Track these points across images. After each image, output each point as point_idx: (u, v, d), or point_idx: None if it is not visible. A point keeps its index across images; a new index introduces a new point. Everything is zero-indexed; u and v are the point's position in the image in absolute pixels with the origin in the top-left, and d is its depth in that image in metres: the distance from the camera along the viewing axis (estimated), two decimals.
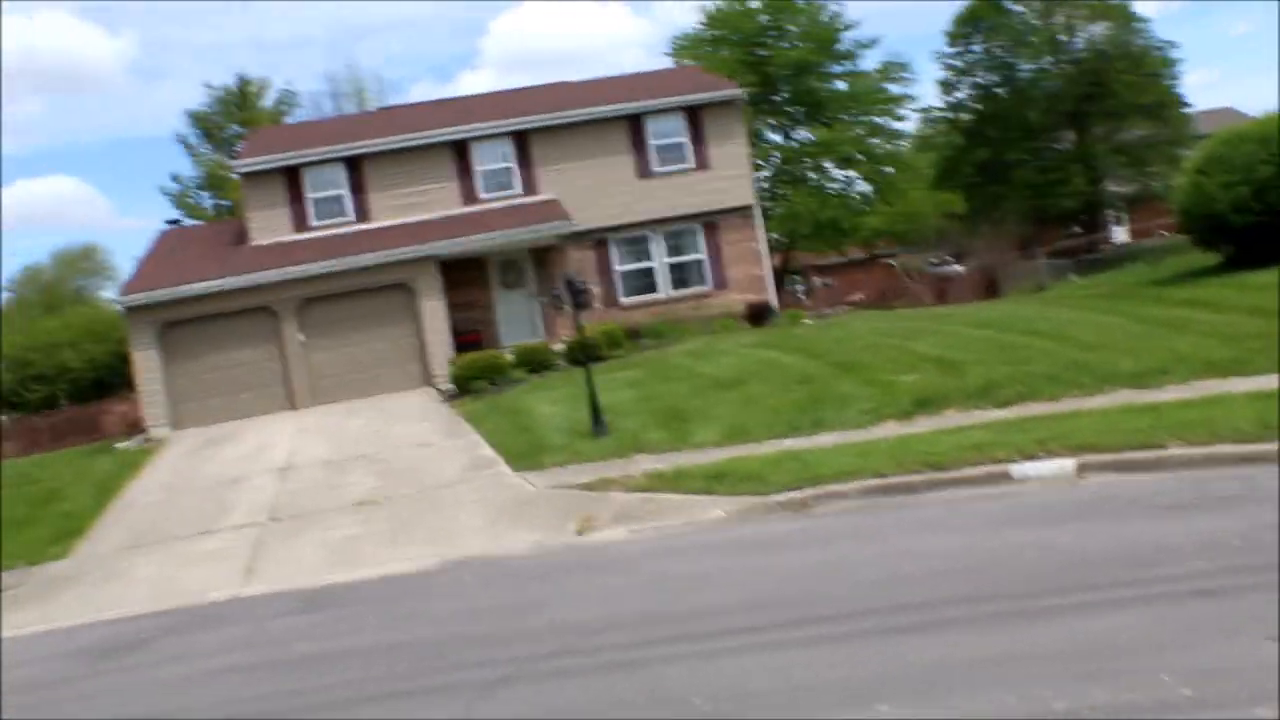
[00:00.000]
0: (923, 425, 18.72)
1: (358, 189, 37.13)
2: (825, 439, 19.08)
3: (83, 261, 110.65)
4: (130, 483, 26.26)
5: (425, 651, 11.13)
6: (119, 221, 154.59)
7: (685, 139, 38.27)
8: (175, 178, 66.20)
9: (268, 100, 66.74)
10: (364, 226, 36.57)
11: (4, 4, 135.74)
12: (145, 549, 20.06)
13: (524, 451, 21.84)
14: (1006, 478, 14.88)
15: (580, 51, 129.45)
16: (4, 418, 60.14)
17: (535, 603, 12.24)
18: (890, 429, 19.01)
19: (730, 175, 38.30)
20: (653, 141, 38.12)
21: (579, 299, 23.52)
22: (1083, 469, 14.58)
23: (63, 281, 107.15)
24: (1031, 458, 15.14)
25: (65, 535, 21.95)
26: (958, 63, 70.61)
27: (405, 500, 20.08)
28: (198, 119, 66.04)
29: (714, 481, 16.77)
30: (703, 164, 38.25)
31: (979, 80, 70.62)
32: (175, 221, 48.48)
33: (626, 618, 11.07)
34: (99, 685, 12.07)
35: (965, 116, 70.96)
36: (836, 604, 10.39)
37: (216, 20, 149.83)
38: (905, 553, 11.70)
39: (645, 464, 19.16)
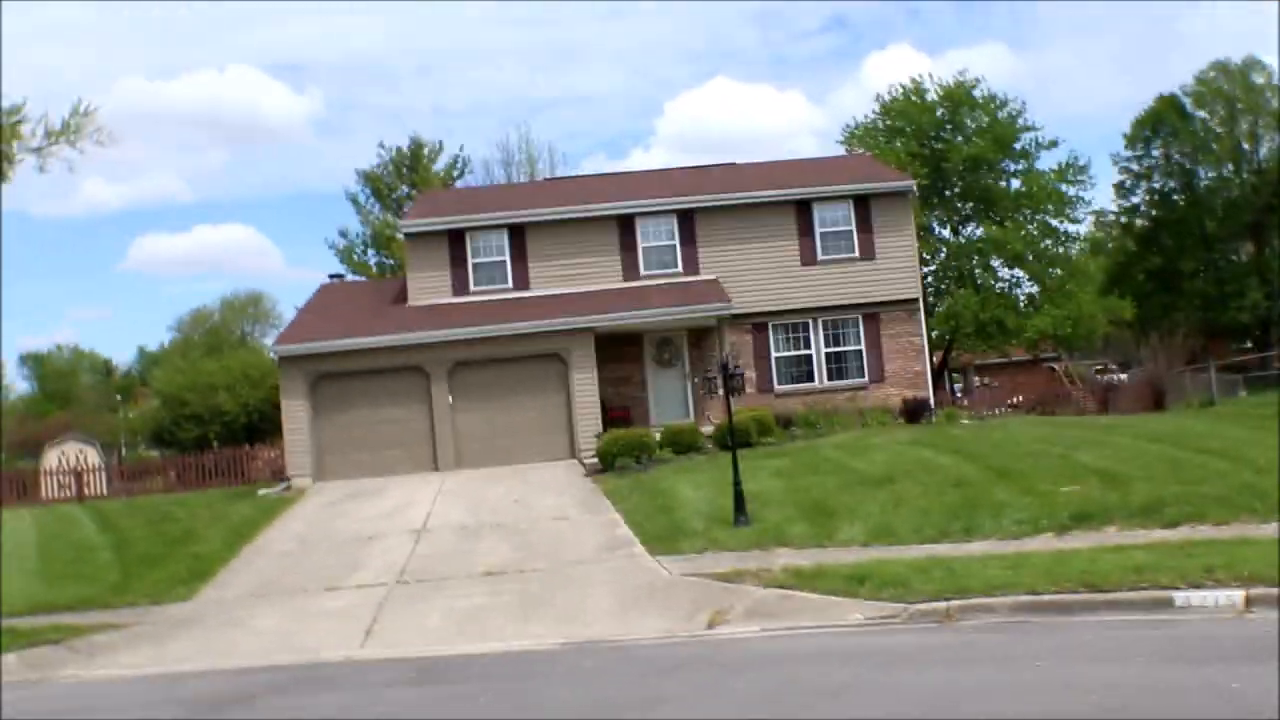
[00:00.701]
0: (1081, 541, 17.78)
1: (519, 257, 36.95)
2: (975, 547, 18.21)
3: (249, 308, 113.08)
4: (265, 530, 26.07)
5: None
6: (289, 272, 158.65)
7: (852, 227, 37.51)
8: (343, 233, 66.82)
9: (440, 164, 67.25)
10: (522, 294, 36.34)
11: (200, 59, 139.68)
12: (269, 599, 19.73)
13: (662, 534, 21.19)
14: (1169, 604, 13.88)
15: (753, 135, 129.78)
16: (156, 454, 61.11)
17: (654, 699, 11.48)
18: (1045, 542, 18.08)
19: (896, 267, 37.44)
20: (819, 228, 37.44)
21: (731, 383, 22.90)
22: (1251, 602, 13.55)
23: (228, 326, 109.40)
24: (1197, 586, 14.12)
25: (193, 577, 21.80)
26: (1135, 166, 69.21)
27: (536, 574, 19.51)
28: (369, 178, 66.72)
29: (855, 583, 15.92)
30: (868, 254, 37.43)
31: (1155, 185, 69.05)
32: (338, 276, 48.83)
33: None
34: None
35: (1140, 222, 69.29)
36: None
37: (400, 84, 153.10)
38: (1057, 684, 10.72)
39: (785, 558, 18.40)
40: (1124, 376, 60.08)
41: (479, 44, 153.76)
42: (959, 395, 56.06)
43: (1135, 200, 70.67)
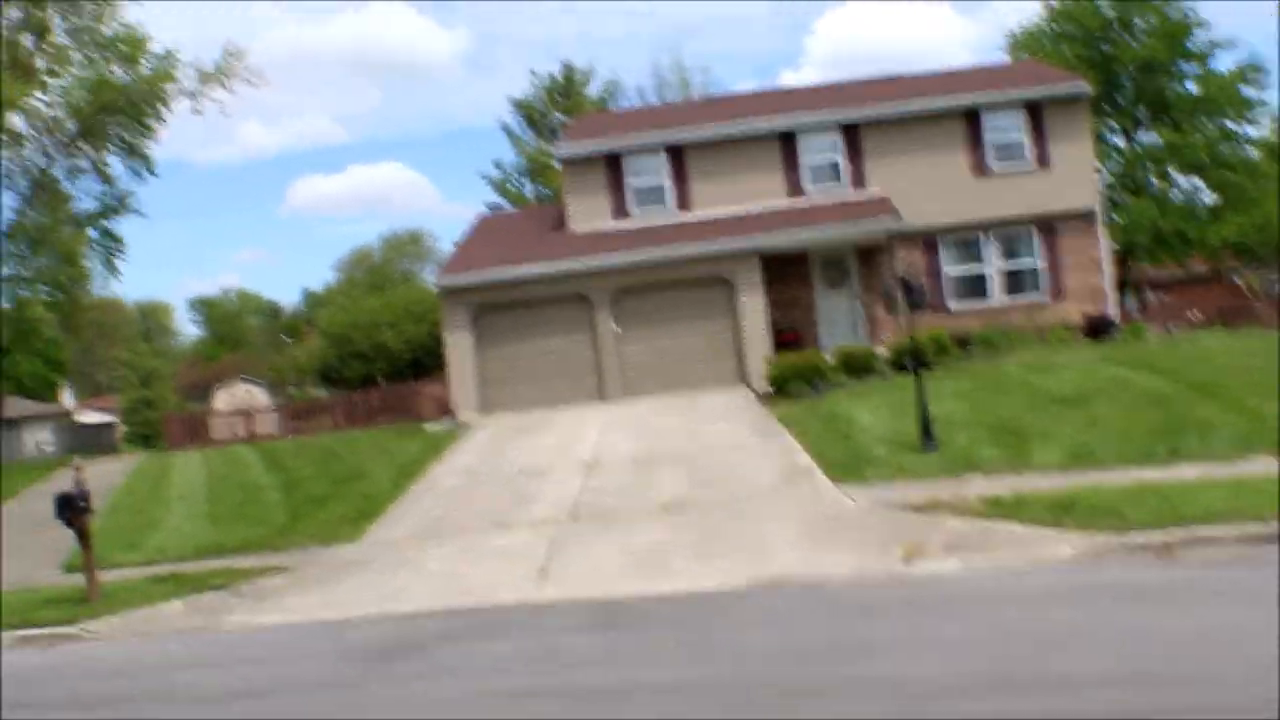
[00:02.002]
0: None
1: (679, 179, 35.88)
2: (1185, 470, 16.89)
3: (409, 246, 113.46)
4: (432, 467, 25.55)
5: (736, 699, 9.45)
6: (445, 208, 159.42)
7: (1024, 136, 35.68)
8: (497, 164, 66.34)
9: (592, 90, 66.39)
10: (684, 217, 35.28)
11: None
12: (438, 538, 19.15)
13: (844, 462, 20.13)
14: None
15: (905, 51, 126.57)
16: (323, 393, 61.46)
17: (861, 646, 10.51)
18: (1264, 465, 16.64)
19: (1072, 176, 35.56)
20: (989, 138, 35.69)
21: (914, 299, 21.70)
22: None
23: (389, 264, 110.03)
24: None
25: (361, 517, 21.39)
26: None
27: (714, 507, 18.61)
28: (522, 107, 66.12)
29: (1061, 512, 14.76)
30: (1043, 163, 35.64)
31: None
32: (495, 207, 48.26)
33: (976, 680, 9.11)
34: (366, 696, 10.84)
35: None
36: (1238, 689, 8.34)
37: (547, 16, 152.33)
38: None
39: (979, 486, 17.26)
40: None
41: None
42: (1133, 311, 53.87)
43: None
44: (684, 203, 35.61)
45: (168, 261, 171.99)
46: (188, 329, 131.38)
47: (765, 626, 11.88)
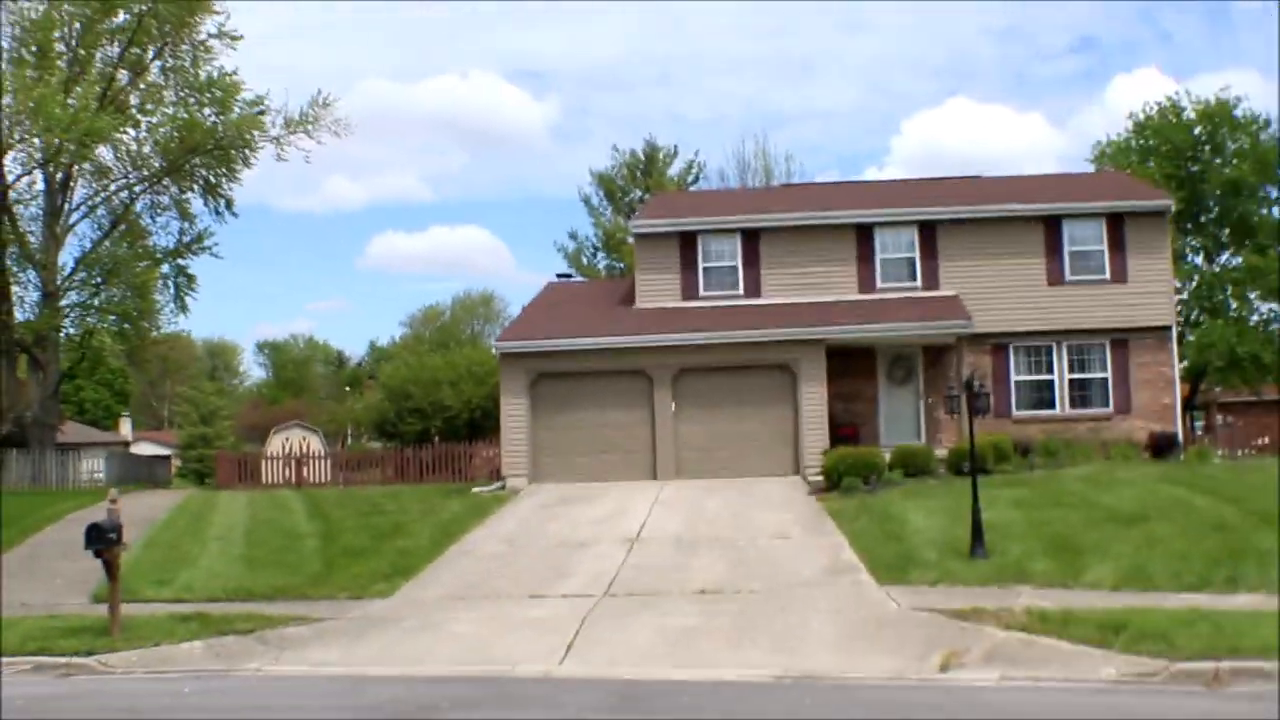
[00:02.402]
0: None
1: (751, 263, 35.62)
2: (1242, 600, 16.26)
3: (480, 308, 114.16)
4: (474, 529, 25.26)
5: None
6: (520, 275, 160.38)
7: (1104, 247, 35.20)
8: (572, 235, 66.49)
9: (674, 169, 66.41)
10: (753, 302, 35.00)
11: (443, 63, 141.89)
12: (469, 602, 18.79)
13: (891, 563, 19.62)
14: None
15: (991, 157, 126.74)
16: (378, 445, 61.41)
17: None
18: None
19: (1149, 292, 35.02)
20: (1068, 246, 35.22)
21: (978, 403, 21.20)
22: None
23: (458, 325, 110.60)
24: None
25: (395, 573, 21.11)
26: None
27: (753, 596, 18.16)
28: (602, 179, 66.24)
29: (1108, 632, 14.14)
30: (1119, 277, 35.13)
31: None
32: (565, 275, 48.13)
33: None
34: None
35: None
36: None
37: (637, 92, 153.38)
38: None
39: (1027, 598, 16.68)
40: None
41: (719, 53, 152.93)
42: (1199, 433, 52.91)
43: None
44: (754, 288, 35.35)
45: (242, 304, 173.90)
46: (254, 371, 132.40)
47: None
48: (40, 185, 46.05)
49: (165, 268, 49.23)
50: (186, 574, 22.05)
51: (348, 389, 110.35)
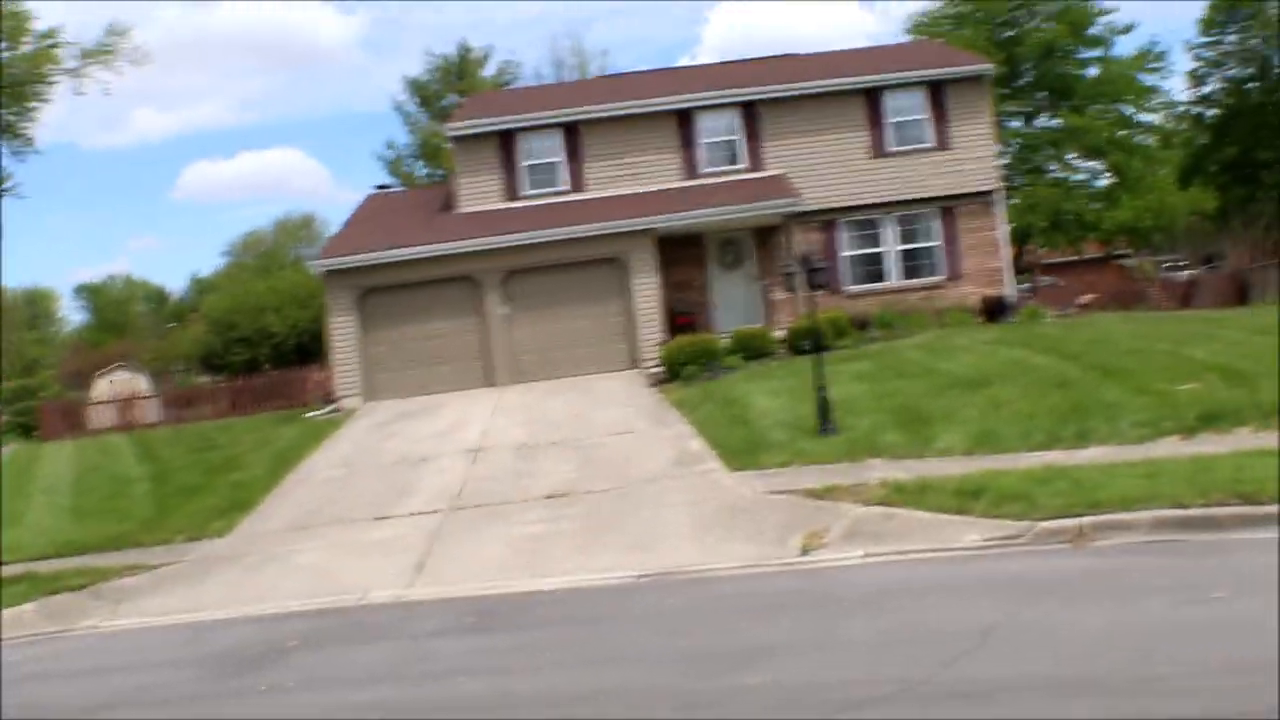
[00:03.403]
0: (1213, 445, 15.59)
1: (573, 157, 34.84)
2: (1094, 453, 16.12)
3: (301, 230, 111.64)
4: (311, 455, 24.36)
5: (620, 710, 8.53)
6: (341, 194, 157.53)
7: (926, 116, 35.03)
8: (390, 145, 65.13)
9: (489, 70, 65.10)
10: (578, 197, 34.26)
11: None
12: (312, 531, 18.02)
13: (739, 448, 19.18)
14: None
15: (803, 41, 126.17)
16: (206, 379, 59.82)
17: (757, 648, 9.60)
18: (1173, 447, 15.94)
19: (973, 158, 35.01)
20: (890, 118, 35.01)
21: (815, 278, 20.78)
22: None
23: (281, 249, 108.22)
24: None
25: (232, 508, 20.15)
26: (1209, 54, 65.73)
27: (602, 496, 17.64)
28: (416, 87, 64.69)
29: (968, 498, 13.86)
30: (943, 144, 35.04)
31: (1230, 73, 65.66)
32: (384, 187, 46.92)
33: (886, 689, 8.25)
34: (213, 712, 9.79)
35: (1213, 112, 66.13)
36: (1181, 697, 7.54)
37: (445, 2, 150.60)
38: (1254, 620, 8.74)
39: (881, 471, 16.38)
40: (1190, 273, 57.50)
41: None
42: (1026, 294, 53.65)
43: (1208, 90, 67.31)
44: (578, 183, 34.61)
45: (57, 248, 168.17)
46: (74, 316, 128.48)
47: (653, 626, 10.96)
48: None
49: None
50: (12, 534, 20.80)
51: (171, 325, 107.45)
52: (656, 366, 29.30)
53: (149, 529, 19.58)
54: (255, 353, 51.98)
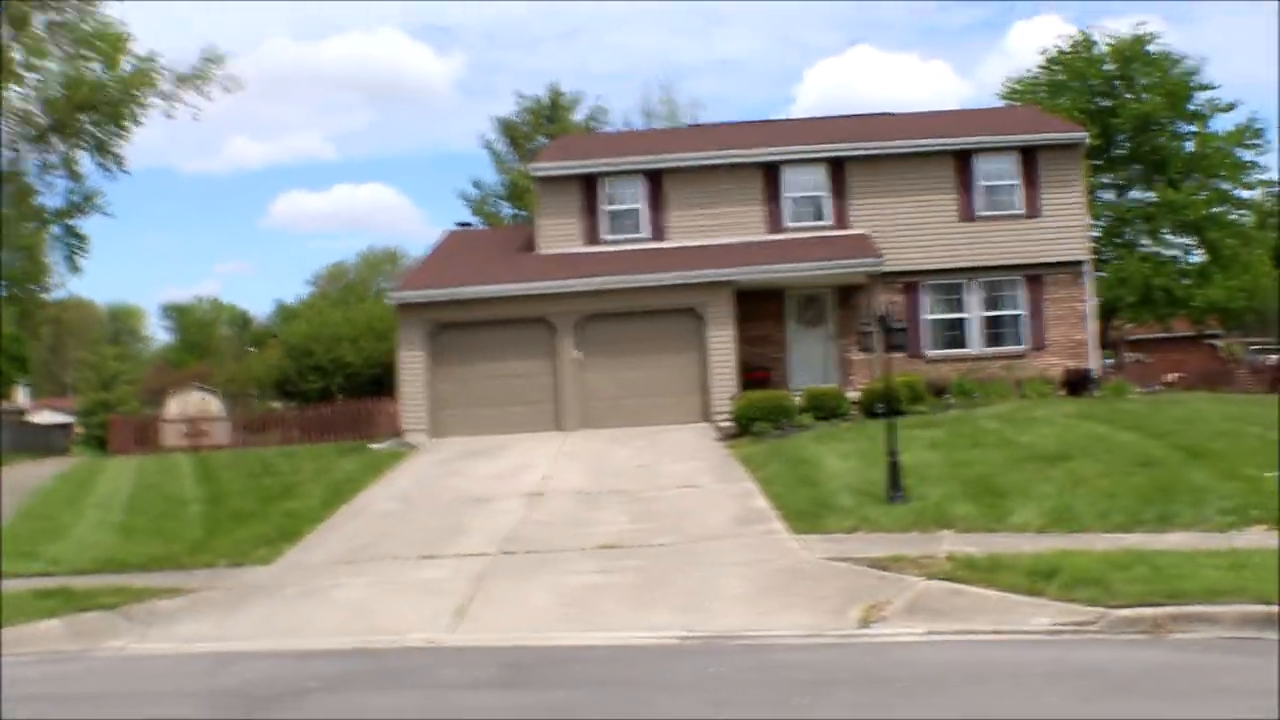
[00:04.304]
0: None
1: (655, 205, 34.42)
2: (1176, 539, 15.31)
3: (385, 264, 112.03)
4: (369, 488, 23.99)
5: None
6: (428, 231, 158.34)
7: (1017, 181, 34.32)
8: (476, 184, 64.88)
9: (579, 115, 64.96)
10: (658, 245, 33.81)
11: (346, 21, 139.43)
12: (357, 565, 17.52)
13: (804, 510, 18.51)
14: None
15: (896, 105, 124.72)
16: (278, 405, 59.82)
17: None
18: (1260, 537, 15.11)
19: (1063, 227, 34.21)
20: (980, 182, 34.30)
21: (893, 339, 20.11)
22: None
23: (364, 282, 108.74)
24: None
25: (280, 537, 19.77)
26: None
27: (659, 550, 17.01)
28: (506, 127, 64.65)
29: (1039, 579, 13.10)
30: (1033, 211, 34.27)
31: None
32: (466, 224, 46.67)
33: None
34: None
35: None
36: None
37: (545, 47, 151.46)
38: None
39: (950, 544, 15.65)
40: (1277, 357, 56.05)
41: (624, 7, 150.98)
42: (1111, 370, 52.50)
43: None
44: (659, 231, 34.17)
45: (148, 268, 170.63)
46: (159, 335, 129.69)
47: (695, 694, 10.23)
48: None
49: (56, 229, 47.39)
50: (56, 546, 20.49)
51: (252, 349, 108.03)
52: (727, 420, 28.68)
53: (194, 552, 19.20)
54: (329, 382, 51.80)
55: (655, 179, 34.43)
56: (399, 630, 13.75)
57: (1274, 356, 57.32)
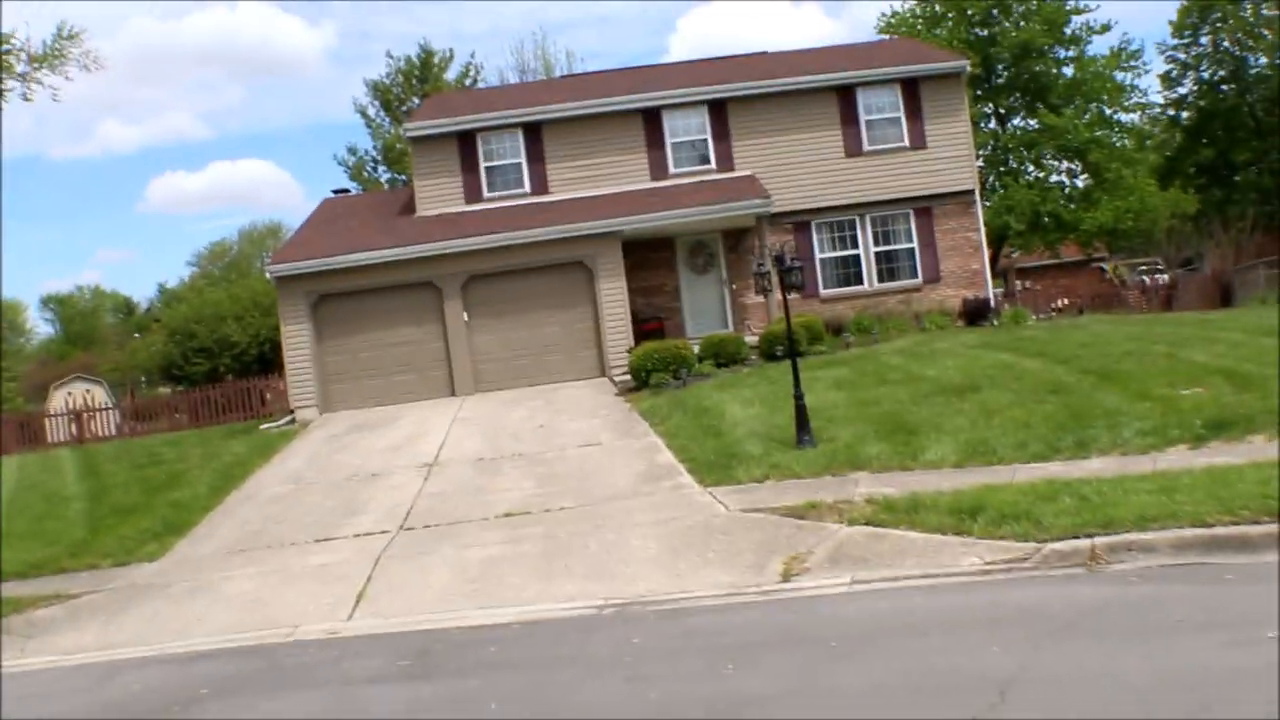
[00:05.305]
0: (1226, 455, 14.31)
1: (536, 159, 33.53)
2: (1097, 465, 14.88)
3: (268, 239, 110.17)
4: (259, 471, 22.98)
5: None
6: (309, 205, 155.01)
7: (900, 114, 33.87)
8: (351, 150, 63.32)
9: (452, 73, 63.57)
10: (541, 199, 32.96)
11: None
12: (249, 555, 16.60)
13: (712, 460, 17.85)
14: None
15: (771, 48, 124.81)
16: (166, 390, 58.26)
17: (735, 698, 8.29)
18: (1182, 457, 14.70)
19: (949, 156, 33.86)
20: (864, 116, 33.81)
21: (790, 279, 19.44)
22: None
23: (247, 259, 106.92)
24: None
25: (167, 530, 18.74)
26: (1182, 55, 64.80)
27: (564, 514, 16.28)
28: (378, 89, 63.08)
29: (965, 516, 12.57)
30: (919, 143, 33.87)
31: (1204, 75, 64.76)
32: (342, 190, 45.42)
33: None
34: None
35: (1188, 114, 65.20)
36: None
37: (415, 12, 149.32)
38: None
39: (866, 486, 15.08)
40: (1165, 276, 56.40)
41: None
42: (1001, 299, 52.46)
43: (1183, 91, 66.32)
44: (541, 185, 33.32)
45: (26, 260, 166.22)
46: (42, 327, 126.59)
47: (615, 670, 9.52)
48: None
49: None
50: None
51: (136, 335, 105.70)
52: (624, 374, 27.99)
53: (76, 553, 18.09)
54: (216, 363, 50.47)
55: (534, 132, 33.54)
56: (296, 622, 12.93)
57: (1161, 276, 57.64)
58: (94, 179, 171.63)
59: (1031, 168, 50.77)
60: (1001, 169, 50.62)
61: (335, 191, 42.85)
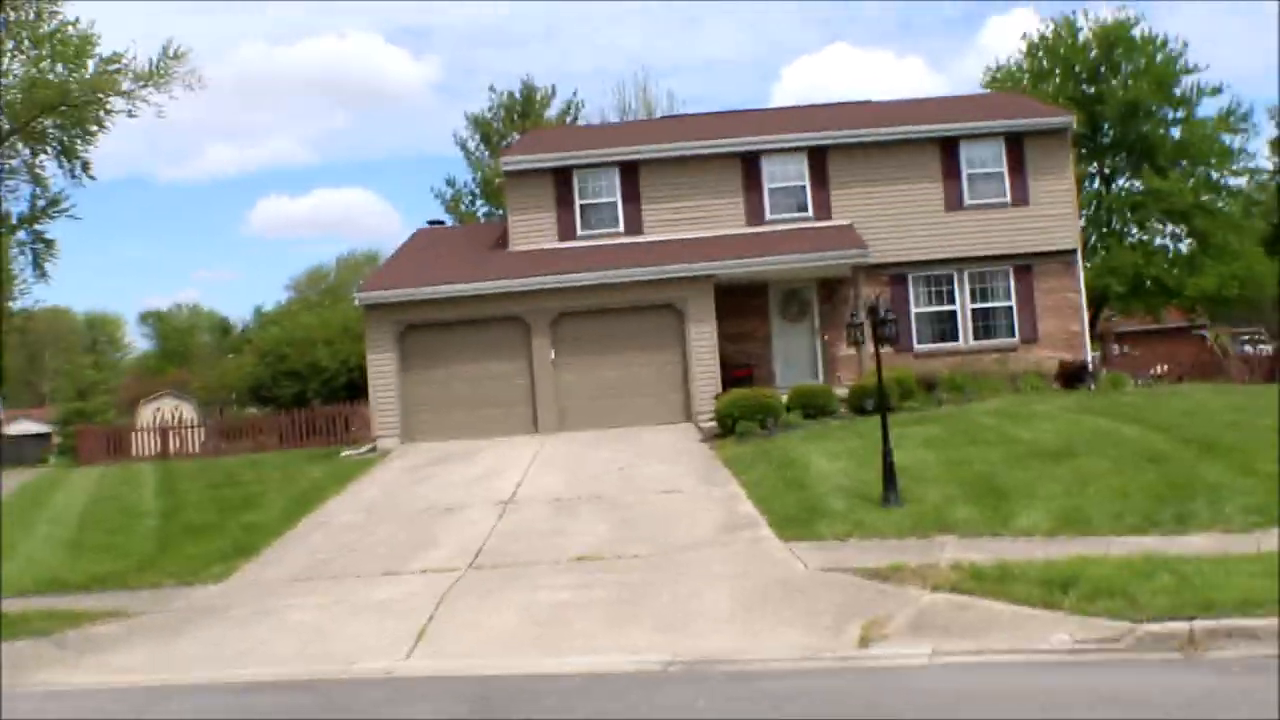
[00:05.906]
0: None
1: (631, 198, 33.21)
2: (1197, 542, 14.18)
3: (364, 266, 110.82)
4: (334, 497, 22.76)
5: None
6: (405, 234, 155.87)
7: (1003, 169, 33.21)
8: (449, 182, 63.39)
9: (553, 110, 63.55)
10: (635, 239, 32.63)
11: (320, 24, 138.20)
12: (314, 583, 16.29)
13: (794, 515, 17.31)
14: None
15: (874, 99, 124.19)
16: (253, 411, 58.49)
17: None
18: None
19: (1052, 214, 33.14)
20: (966, 170, 33.20)
21: (883, 331, 18.91)
22: None
23: (343, 285, 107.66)
24: None
25: (236, 552, 18.56)
26: None
27: (638, 561, 15.81)
28: (478, 123, 63.16)
29: (1056, 590, 11.92)
30: (1021, 199, 33.19)
31: None
32: (437, 222, 45.37)
33: None
34: None
35: None
36: None
37: (522, 49, 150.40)
38: None
39: (953, 551, 14.49)
40: (1268, 348, 55.03)
41: (602, 8, 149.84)
42: (1098, 361, 51.34)
43: None
44: (635, 225, 32.98)
45: (128, 277, 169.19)
46: (140, 343, 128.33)
47: None
48: None
49: (22, 234, 45.97)
50: None
51: (229, 355, 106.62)
52: (709, 420, 27.51)
53: (142, 570, 17.93)
54: (304, 387, 50.37)
55: (631, 171, 33.25)
56: (353, 657, 12.53)
57: (1265, 347, 56.30)
58: (198, 200, 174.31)
59: (1135, 229, 49.72)
60: (1105, 229, 49.66)
61: (430, 222, 42.84)
